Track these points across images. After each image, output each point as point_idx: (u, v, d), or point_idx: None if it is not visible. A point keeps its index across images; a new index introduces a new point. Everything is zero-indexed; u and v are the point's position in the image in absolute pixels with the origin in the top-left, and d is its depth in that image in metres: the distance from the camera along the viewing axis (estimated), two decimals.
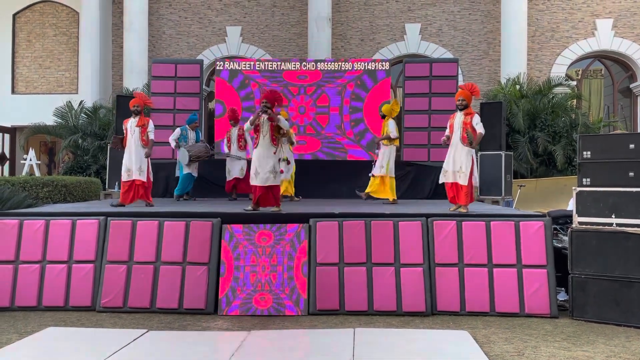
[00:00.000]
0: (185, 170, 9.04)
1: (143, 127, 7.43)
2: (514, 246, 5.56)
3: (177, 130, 9.21)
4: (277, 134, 6.62)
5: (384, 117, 8.44)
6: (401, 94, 11.43)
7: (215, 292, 5.57)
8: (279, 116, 6.63)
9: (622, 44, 14.78)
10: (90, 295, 5.63)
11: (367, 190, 8.48)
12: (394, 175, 8.41)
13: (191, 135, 9.27)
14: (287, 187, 9.04)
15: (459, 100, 6.60)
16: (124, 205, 7.19)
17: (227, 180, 9.41)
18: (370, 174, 8.50)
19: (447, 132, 6.78)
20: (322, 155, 10.80)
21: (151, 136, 7.45)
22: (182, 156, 8.92)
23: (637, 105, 15.15)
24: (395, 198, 8.35)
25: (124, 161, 7.44)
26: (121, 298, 5.57)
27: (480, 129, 6.52)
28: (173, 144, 9.11)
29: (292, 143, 9.02)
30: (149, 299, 5.56)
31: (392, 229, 5.69)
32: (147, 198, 7.44)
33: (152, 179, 7.63)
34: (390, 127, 8.23)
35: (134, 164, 7.32)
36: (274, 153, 6.57)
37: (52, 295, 5.65)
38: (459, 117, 6.61)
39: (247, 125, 6.73)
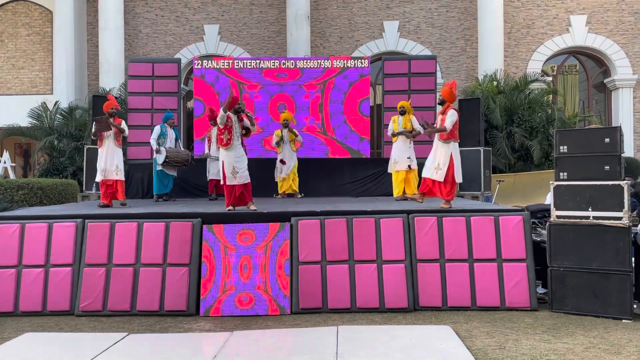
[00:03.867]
0: (158, 167, 8.92)
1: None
2: (494, 241, 5.62)
3: (157, 129, 9.06)
4: (244, 135, 6.86)
5: (403, 113, 8.46)
6: (381, 92, 11.47)
7: (197, 293, 5.52)
8: (247, 117, 6.80)
9: (595, 39, 15.04)
10: (68, 300, 5.54)
11: (420, 191, 7.13)
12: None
13: (170, 132, 9.13)
14: (290, 184, 9.54)
15: (438, 97, 6.92)
16: (109, 206, 7.35)
17: (208, 180, 9.37)
18: (404, 168, 8.41)
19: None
20: (302, 153, 10.77)
21: (125, 134, 7.75)
22: (160, 156, 8.83)
23: (612, 99, 15.43)
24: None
25: (98, 162, 7.53)
26: (100, 301, 5.49)
27: (447, 123, 6.48)
28: (155, 145, 8.96)
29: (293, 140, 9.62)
30: (129, 301, 5.48)
31: (374, 226, 5.70)
32: (122, 197, 7.58)
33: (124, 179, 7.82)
34: (416, 123, 8.37)
35: (109, 165, 7.45)
36: (245, 152, 6.81)
37: (29, 300, 5.54)
38: (440, 114, 6.78)
39: (221, 112, 6.58)
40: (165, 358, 4.09)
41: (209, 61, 11.13)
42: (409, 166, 8.33)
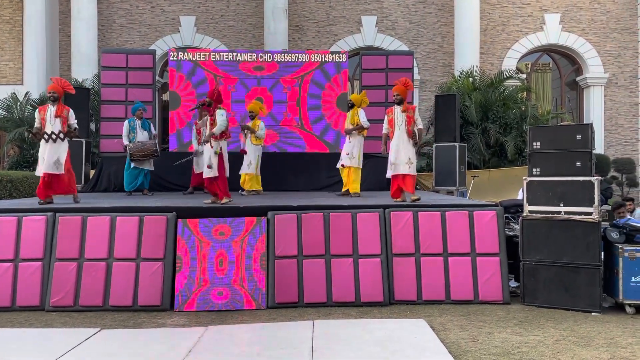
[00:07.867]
0: (132, 165, 8.79)
1: (62, 117, 6.69)
2: (468, 235, 5.69)
3: (125, 125, 8.93)
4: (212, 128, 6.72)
5: (352, 106, 8.25)
6: (358, 87, 11.48)
7: (172, 288, 5.46)
8: (218, 111, 6.72)
9: (569, 38, 15.31)
10: (38, 295, 5.42)
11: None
12: (361, 166, 8.15)
13: (138, 124, 8.97)
14: (252, 183, 8.86)
15: (394, 95, 6.88)
16: (45, 202, 6.52)
17: (195, 173, 9.20)
18: (339, 165, 8.22)
19: (386, 127, 7.02)
20: (279, 147, 10.74)
21: (75, 125, 6.89)
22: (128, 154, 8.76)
23: (583, 97, 15.75)
24: (359, 191, 8.06)
25: (39, 152, 6.67)
26: (72, 296, 5.38)
27: (419, 124, 6.88)
28: (126, 142, 8.83)
29: (256, 136, 8.89)
30: (101, 296, 5.40)
31: (351, 221, 5.72)
32: (73, 191, 6.83)
33: (72, 171, 6.93)
34: (362, 117, 8.05)
35: (48, 157, 6.59)
36: (211, 147, 6.69)
37: None
38: (398, 112, 6.85)
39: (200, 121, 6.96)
40: (138, 354, 4.04)
41: (185, 53, 10.98)
42: (342, 165, 8.08)
